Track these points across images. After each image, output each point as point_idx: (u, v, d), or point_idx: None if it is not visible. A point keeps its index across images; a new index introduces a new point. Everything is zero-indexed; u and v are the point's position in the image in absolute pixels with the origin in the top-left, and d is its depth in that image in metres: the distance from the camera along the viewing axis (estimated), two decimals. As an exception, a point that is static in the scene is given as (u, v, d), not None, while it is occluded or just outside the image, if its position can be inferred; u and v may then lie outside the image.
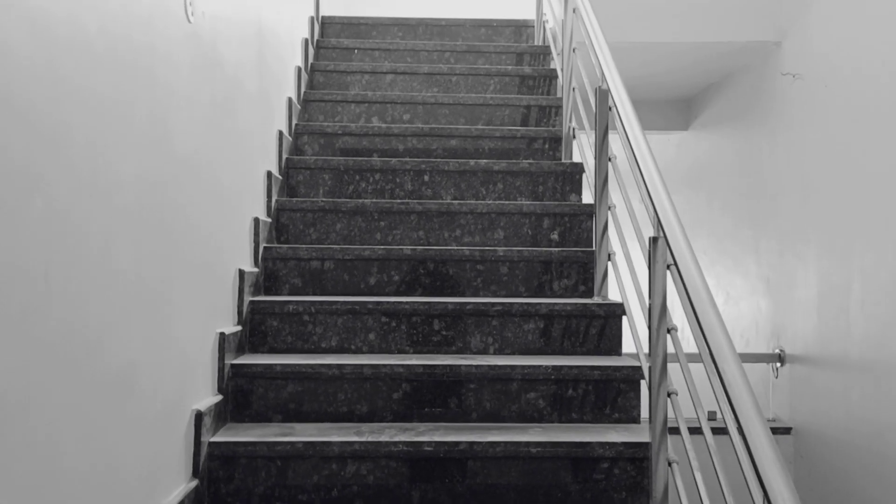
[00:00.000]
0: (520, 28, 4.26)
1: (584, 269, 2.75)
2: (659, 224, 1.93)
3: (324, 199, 2.93)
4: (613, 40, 3.04)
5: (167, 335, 1.81)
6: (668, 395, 1.95)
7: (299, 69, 3.54)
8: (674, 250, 1.78)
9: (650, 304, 1.97)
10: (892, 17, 3.16)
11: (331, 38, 4.14)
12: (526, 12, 4.44)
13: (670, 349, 1.96)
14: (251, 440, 2.08)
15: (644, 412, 2.37)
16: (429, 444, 2.07)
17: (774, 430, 3.86)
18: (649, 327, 1.97)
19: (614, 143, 2.68)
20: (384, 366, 2.28)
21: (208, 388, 2.14)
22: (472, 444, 2.08)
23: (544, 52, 3.98)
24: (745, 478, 1.49)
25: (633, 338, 2.35)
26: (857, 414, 3.33)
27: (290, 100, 3.29)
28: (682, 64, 4.62)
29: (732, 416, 1.45)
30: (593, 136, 2.83)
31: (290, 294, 2.72)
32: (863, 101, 3.33)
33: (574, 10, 3.21)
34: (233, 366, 2.27)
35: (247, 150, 2.56)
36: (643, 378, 2.29)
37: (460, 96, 3.57)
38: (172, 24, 1.83)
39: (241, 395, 2.29)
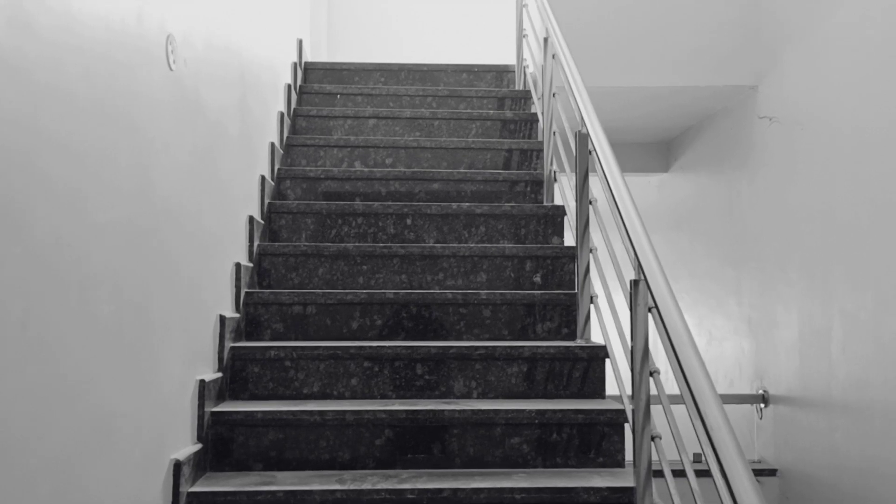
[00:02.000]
0: (500, 73, 4.32)
1: (566, 312, 2.75)
2: (639, 267, 1.94)
3: (306, 244, 2.93)
4: (593, 84, 3.09)
5: (147, 383, 1.79)
6: (652, 438, 1.94)
7: (282, 114, 3.56)
8: (654, 293, 1.79)
9: (632, 347, 1.97)
10: (861, 64, 3.23)
11: (313, 83, 4.18)
12: (506, 58, 4.51)
13: (653, 391, 1.96)
14: (230, 490, 2.05)
15: (628, 455, 2.37)
16: (411, 491, 2.05)
17: (759, 472, 3.85)
18: (632, 370, 1.97)
19: (595, 185, 2.70)
20: (367, 412, 2.26)
21: (187, 436, 2.11)
22: (455, 490, 2.05)
23: (525, 97, 4.03)
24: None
25: (617, 381, 2.34)
26: (842, 454, 3.33)
27: (272, 144, 3.30)
28: (661, 107, 4.69)
29: (715, 460, 1.45)
30: (574, 179, 2.86)
31: (271, 339, 2.70)
32: (837, 144, 3.38)
33: (553, 56, 3.26)
34: (213, 413, 2.24)
35: (229, 196, 2.56)
36: (626, 421, 2.28)
37: (442, 140, 3.60)
38: (154, 72, 1.84)
39: (220, 443, 2.25)
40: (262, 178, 3.08)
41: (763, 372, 4.02)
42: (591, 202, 2.63)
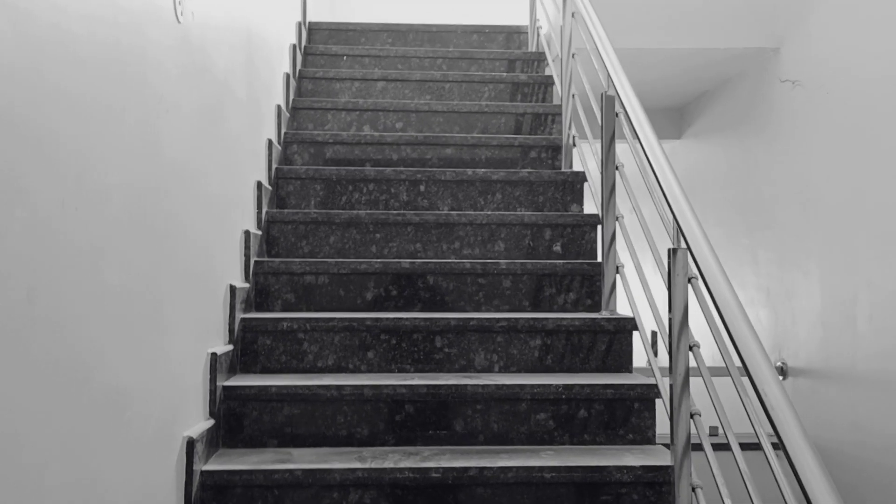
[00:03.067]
0: (512, 34, 4.16)
1: (590, 283, 2.64)
2: (679, 234, 1.83)
3: (316, 211, 2.81)
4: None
5: (158, 357, 1.68)
6: (692, 415, 1.84)
7: (287, 76, 3.41)
8: (699, 262, 1.68)
9: (670, 320, 1.86)
10: (891, 21, 3.09)
11: (318, 44, 4.02)
12: (518, 18, 4.35)
13: (691, 364, 1.85)
14: (246, 468, 1.95)
15: (659, 430, 2.27)
16: (436, 470, 1.95)
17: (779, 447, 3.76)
18: (669, 343, 1.86)
19: (620, 151, 2.58)
20: (386, 386, 2.16)
21: (199, 412, 2.00)
22: (482, 469, 1.95)
23: (539, 59, 3.88)
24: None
25: (648, 354, 2.25)
26: (865, 428, 3.24)
27: (279, 107, 3.16)
28: (674, 71, 4.55)
29: (778, 440, 1.35)
30: (596, 143, 2.74)
31: (282, 310, 2.59)
32: (864, 107, 3.26)
33: (573, 15, 3.12)
34: (225, 388, 2.14)
35: (237, 160, 2.43)
36: (658, 397, 2.19)
37: (454, 104, 3.46)
38: (162, 22, 1.70)
39: (233, 418, 2.15)
40: (270, 142, 2.94)
41: (782, 344, 3.93)
42: (616, 167, 2.50)
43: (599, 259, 2.77)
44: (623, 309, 2.57)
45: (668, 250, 1.87)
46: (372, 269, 2.61)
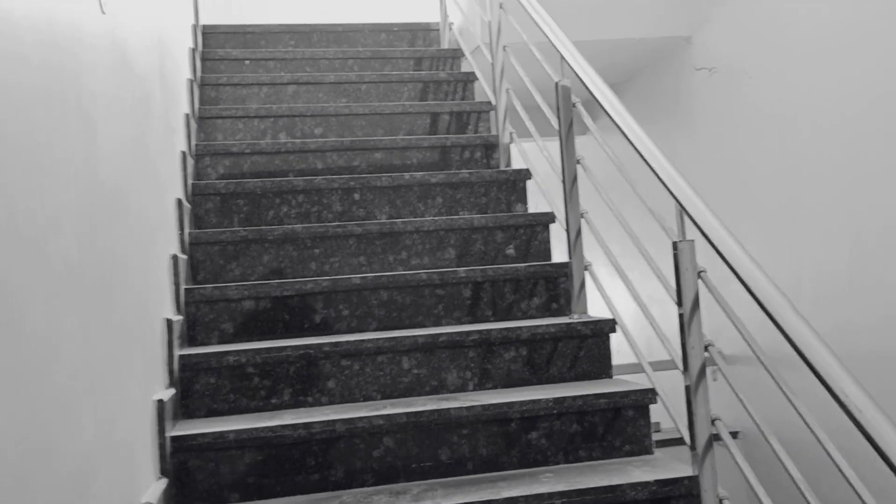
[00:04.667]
0: (420, 32, 3.97)
1: (553, 285, 2.48)
2: (684, 223, 1.69)
3: (246, 229, 2.52)
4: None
5: (113, 419, 1.38)
6: (713, 421, 1.70)
7: (191, 82, 3.09)
8: (725, 254, 1.54)
9: (681, 315, 1.71)
10: (798, 12, 3.10)
11: (215, 48, 3.69)
12: (424, 15, 4.15)
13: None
14: (213, 531, 1.66)
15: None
16: (436, 509, 1.72)
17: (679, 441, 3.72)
18: (683, 342, 1.72)
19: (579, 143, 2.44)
20: (360, 419, 1.91)
21: (151, 471, 1.69)
22: (488, 503, 1.74)
23: (454, 55, 3.71)
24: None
25: (637, 356, 2.10)
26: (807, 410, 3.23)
27: (187, 116, 2.84)
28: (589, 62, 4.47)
29: (866, 439, 1.21)
30: (534, 141, 2.60)
31: (219, 343, 2.29)
32: (783, 89, 3.26)
33: (501, 6, 2.96)
34: (173, 438, 1.83)
35: (158, 175, 2.12)
36: (654, 402, 2.04)
37: (376, 105, 3.23)
38: (90, 11, 1.41)
39: (185, 474, 1.85)
40: (184, 154, 2.63)
41: (716, 332, 3.89)
42: (578, 161, 2.35)
43: (555, 259, 2.62)
44: (593, 310, 2.42)
45: (674, 243, 1.73)
46: (319, 289, 2.35)
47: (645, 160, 1.82)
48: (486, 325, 2.31)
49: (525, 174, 2.85)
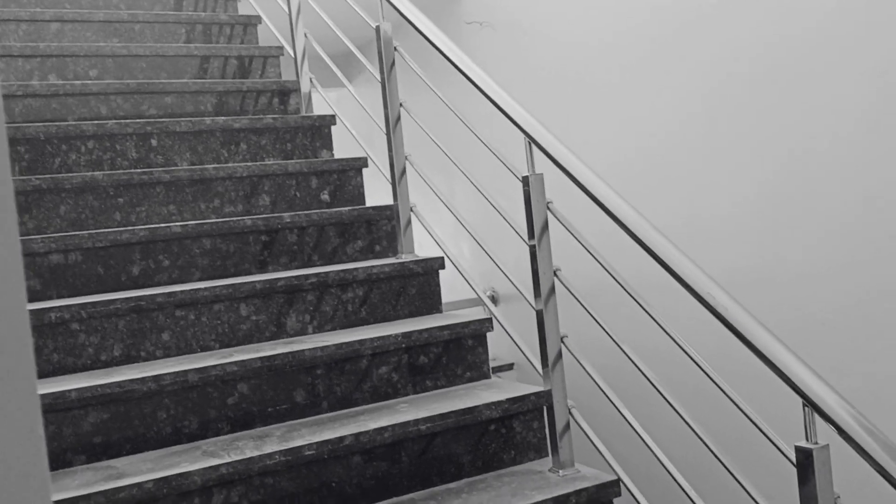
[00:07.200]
0: (188, -28, 3.74)
1: (376, 228, 2.52)
2: (533, 155, 1.81)
3: (38, 177, 2.27)
4: None
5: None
6: (562, 339, 1.86)
7: (-63, 13, 2.68)
8: (585, 183, 1.68)
9: (532, 247, 1.85)
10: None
11: (-50, -23, 3.21)
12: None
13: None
14: (71, 496, 1.53)
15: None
16: (309, 446, 1.72)
17: (499, 368, 4.02)
18: (534, 271, 1.85)
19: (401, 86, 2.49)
20: (214, 367, 1.84)
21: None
22: (357, 435, 1.77)
23: (232, -1, 3.55)
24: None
25: (473, 288, 2.22)
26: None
27: (-57, 51, 2.47)
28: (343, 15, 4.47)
29: (741, 340, 1.41)
30: (334, 90, 2.60)
31: (29, 300, 2.06)
32: (550, 50, 3.53)
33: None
34: (5, 405, 1.64)
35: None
36: (490, 330, 2.18)
37: (157, 47, 3.02)
38: None
39: (21, 442, 1.67)
40: (-49, 93, 2.29)
41: (490, 274, 4.16)
42: (401, 104, 2.40)
43: (372, 203, 2.66)
44: (419, 249, 2.51)
45: (524, 178, 1.85)
46: (136, 239, 2.19)
47: (488, 96, 1.92)
48: (321, 268, 2.30)
49: (330, 120, 2.84)
